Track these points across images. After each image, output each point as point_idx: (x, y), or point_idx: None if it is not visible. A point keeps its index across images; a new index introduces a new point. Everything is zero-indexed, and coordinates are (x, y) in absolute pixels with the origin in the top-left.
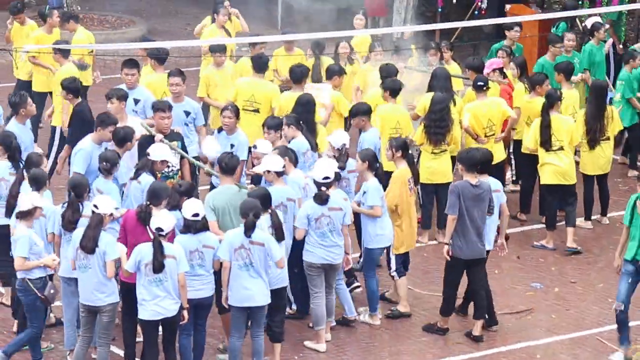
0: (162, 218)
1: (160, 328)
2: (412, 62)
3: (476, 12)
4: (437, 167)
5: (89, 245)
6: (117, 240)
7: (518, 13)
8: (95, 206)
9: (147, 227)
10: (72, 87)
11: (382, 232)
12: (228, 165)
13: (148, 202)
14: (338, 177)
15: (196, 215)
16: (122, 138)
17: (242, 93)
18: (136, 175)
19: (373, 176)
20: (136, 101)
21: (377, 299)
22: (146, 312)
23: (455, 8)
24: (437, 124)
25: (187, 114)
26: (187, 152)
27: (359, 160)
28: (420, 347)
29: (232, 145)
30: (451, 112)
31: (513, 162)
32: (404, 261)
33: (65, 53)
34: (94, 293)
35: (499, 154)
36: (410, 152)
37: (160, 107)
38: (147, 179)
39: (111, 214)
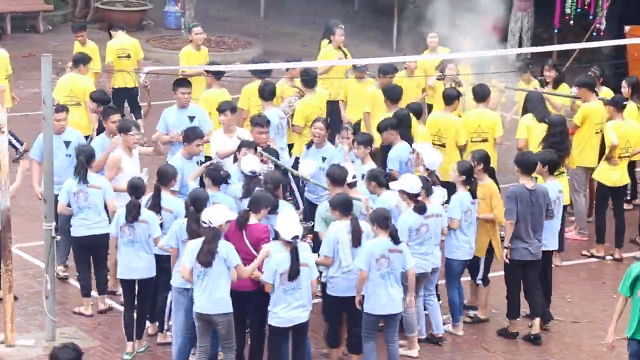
0: (294, 225)
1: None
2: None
3: (594, 34)
4: None
5: (206, 259)
6: None
7: (638, 34)
8: (209, 221)
9: (243, 232)
10: (102, 99)
11: (461, 243)
12: (340, 177)
13: (248, 209)
14: (431, 191)
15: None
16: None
17: (313, 114)
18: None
19: (465, 190)
20: (191, 118)
21: (459, 309)
22: (278, 319)
23: (572, 29)
24: (558, 146)
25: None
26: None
27: (456, 172)
28: None
29: (323, 159)
30: (569, 134)
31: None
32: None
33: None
34: (210, 302)
35: (626, 177)
36: (490, 165)
37: (259, 122)
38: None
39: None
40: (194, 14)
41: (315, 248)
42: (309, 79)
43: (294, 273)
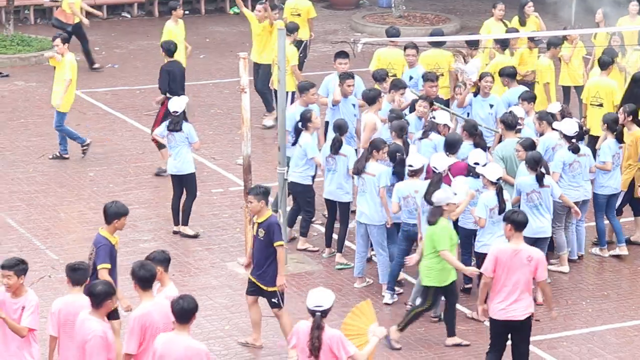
0: (497, 168)
1: None
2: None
3: None
4: None
5: (428, 198)
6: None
7: None
8: (435, 167)
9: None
10: (166, 48)
11: (608, 183)
12: (512, 122)
13: (447, 151)
14: (582, 137)
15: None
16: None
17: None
18: (425, 135)
19: (612, 136)
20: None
21: (604, 235)
22: (485, 246)
23: None
24: None
25: None
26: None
27: (602, 123)
28: None
29: (490, 106)
30: None
31: None
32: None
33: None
34: None
35: None
36: None
37: (430, 78)
38: (436, 137)
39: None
40: None
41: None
42: (473, 42)
43: (503, 208)
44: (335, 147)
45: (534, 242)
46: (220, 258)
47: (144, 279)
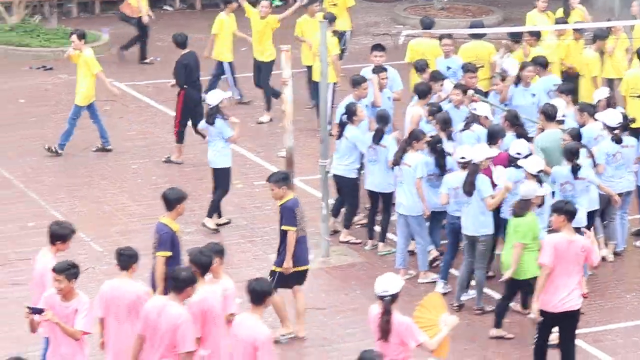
0: (538, 161)
1: None
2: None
3: None
4: None
5: (469, 189)
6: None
7: None
8: (472, 158)
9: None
10: (176, 41)
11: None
12: (552, 113)
13: (489, 142)
14: (626, 128)
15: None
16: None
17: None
18: (467, 126)
19: None
20: None
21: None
22: None
23: None
24: None
25: None
26: None
27: None
28: None
29: (533, 95)
30: None
31: None
32: None
33: None
34: (473, 225)
35: None
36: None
37: (470, 69)
38: (479, 128)
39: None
40: None
41: None
42: (516, 35)
43: (542, 200)
44: (377, 138)
45: None
46: (263, 250)
47: (205, 265)
